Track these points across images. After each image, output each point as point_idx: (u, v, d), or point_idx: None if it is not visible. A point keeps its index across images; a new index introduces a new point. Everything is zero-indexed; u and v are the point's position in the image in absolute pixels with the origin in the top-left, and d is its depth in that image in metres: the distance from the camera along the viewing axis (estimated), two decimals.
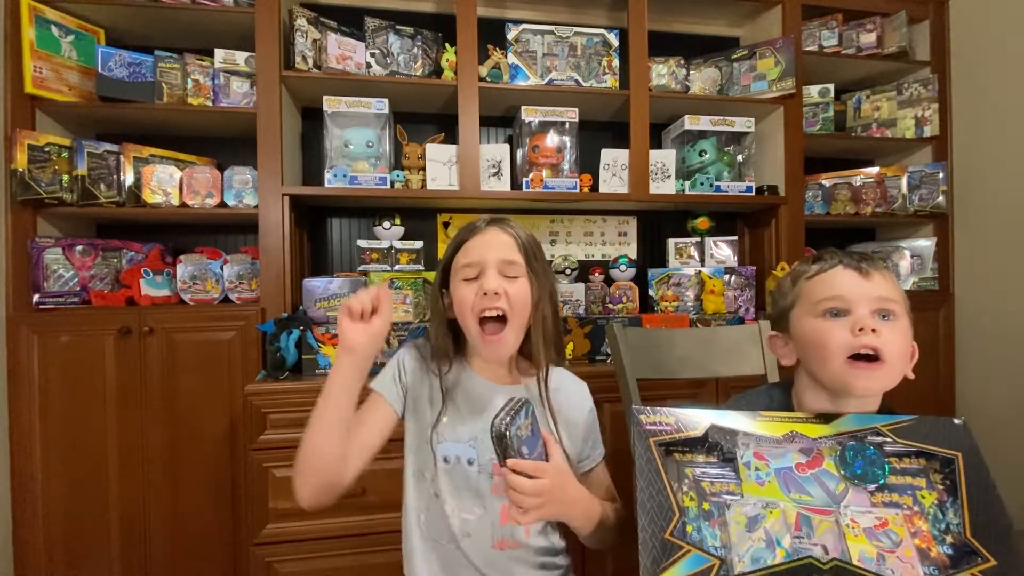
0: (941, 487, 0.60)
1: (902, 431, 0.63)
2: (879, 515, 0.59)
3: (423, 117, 1.91)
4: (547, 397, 0.82)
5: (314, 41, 1.63)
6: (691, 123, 1.83)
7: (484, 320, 0.78)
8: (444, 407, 0.80)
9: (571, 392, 0.87)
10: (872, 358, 0.65)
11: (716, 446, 0.63)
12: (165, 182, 1.56)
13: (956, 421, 0.63)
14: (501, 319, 0.78)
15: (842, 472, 0.61)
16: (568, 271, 1.86)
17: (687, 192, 1.82)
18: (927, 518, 0.58)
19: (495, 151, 1.72)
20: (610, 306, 1.82)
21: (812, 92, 1.98)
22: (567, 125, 1.77)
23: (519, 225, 0.83)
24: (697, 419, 0.65)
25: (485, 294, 0.76)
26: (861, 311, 0.67)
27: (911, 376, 0.70)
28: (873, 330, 0.65)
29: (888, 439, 0.62)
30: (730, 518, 0.59)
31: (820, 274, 0.71)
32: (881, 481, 0.60)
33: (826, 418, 0.65)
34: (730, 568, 0.56)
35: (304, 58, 1.60)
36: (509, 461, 0.63)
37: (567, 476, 0.70)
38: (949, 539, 0.57)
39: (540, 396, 0.82)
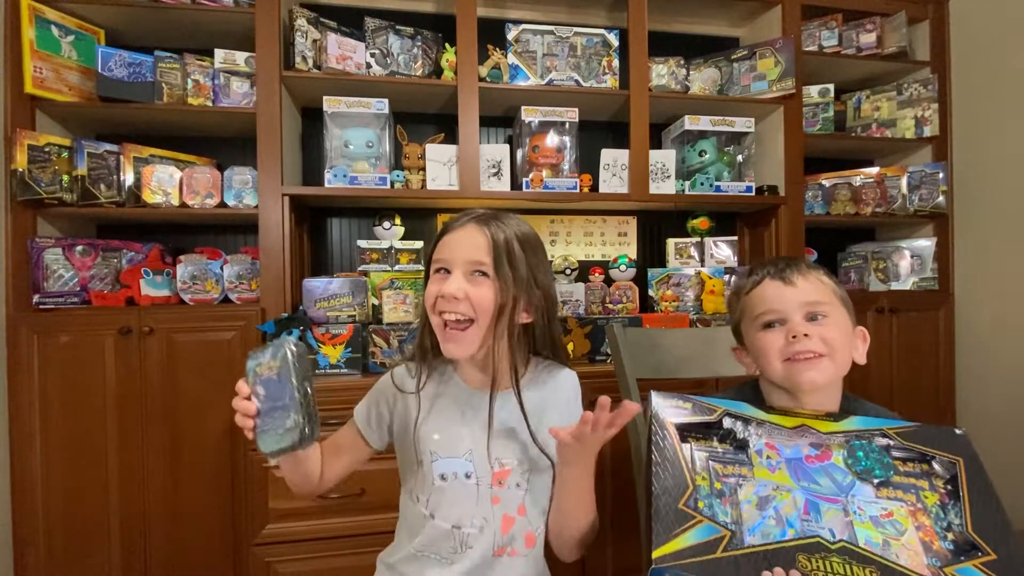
0: (943, 491, 0.62)
1: (906, 435, 0.66)
2: (885, 506, 0.61)
3: (423, 117, 1.91)
4: (520, 399, 0.77)
5: (314, 41, 1.63)
6: (691, 123, 1.83)
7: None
8: (427, 420, 0.79)
9: (559, 385, 0.83)
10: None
11: (729, 433, 0.67)
12: (165, 182, 1.56)
13: (957, 431, 0.66)
14: (467, 320, 0.75)
15: (850, 466, 0.64)
16: (568, 271, 1.86)
17: (687, 192, 1.82)
18: (930, 515, 0.60)
19: (495, 151, 1.72)
20: (610, 306, 1.82)
21: (812, 92, 1.98)
22: (567, 125, 1.77)
23: (511, 223, 0.77)
24: (712, 406, 0.69)
25: (443, 297, 0.74)
26: (793, 319, 0.73)
27: (862, 361, 0.76)
28: (805, 335, 0.71)
29: (894, 441, 0.65)
30: (741, 497, 0.61)
31: (753, 289, 0.78)
32: (888, 475, 0.63)
33: (834, 417, 0.68)
34: (740, 541, 0.58)
35: (304, 58, 1.60)
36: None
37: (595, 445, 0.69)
38: (951, 536, 0.59)
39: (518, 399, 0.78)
